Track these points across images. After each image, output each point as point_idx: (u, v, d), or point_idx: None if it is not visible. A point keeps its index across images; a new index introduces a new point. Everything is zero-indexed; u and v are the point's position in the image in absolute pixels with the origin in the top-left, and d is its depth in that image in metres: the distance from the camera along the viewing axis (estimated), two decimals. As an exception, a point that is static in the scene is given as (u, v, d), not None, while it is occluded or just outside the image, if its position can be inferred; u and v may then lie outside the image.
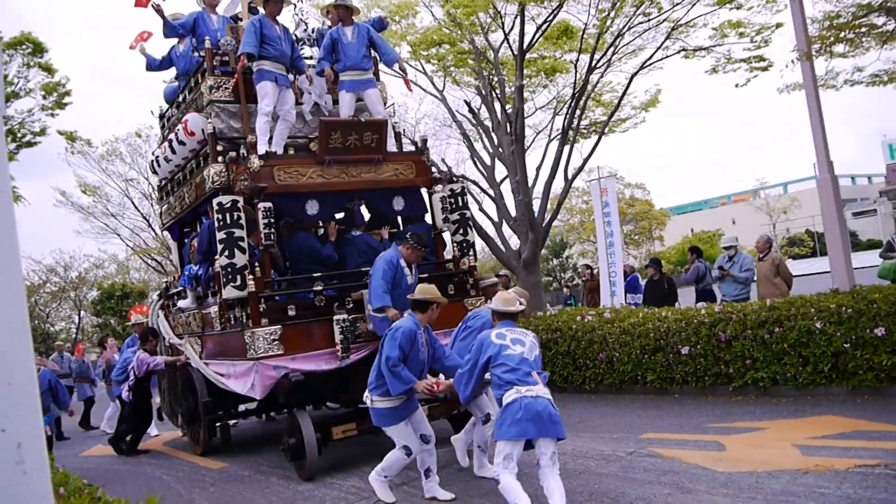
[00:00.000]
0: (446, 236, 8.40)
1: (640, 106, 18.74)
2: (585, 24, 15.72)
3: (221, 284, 6.98)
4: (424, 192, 8.29)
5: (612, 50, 15.99)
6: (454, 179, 9.21)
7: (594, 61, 15.85)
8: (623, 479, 5.43)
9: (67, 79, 17.69)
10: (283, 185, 7.19)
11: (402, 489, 5.96)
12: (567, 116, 16.45)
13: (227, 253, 6.86)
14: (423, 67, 17.42)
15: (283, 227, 7.71)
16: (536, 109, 18.92)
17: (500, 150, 16.96)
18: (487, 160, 17.55)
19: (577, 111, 16.44)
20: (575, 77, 16.47)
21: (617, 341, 9.05)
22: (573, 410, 8.43)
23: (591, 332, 9.39)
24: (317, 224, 8.51)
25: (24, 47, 16.48)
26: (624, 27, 15.57)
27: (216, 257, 7.13)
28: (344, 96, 8.09)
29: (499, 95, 16.76)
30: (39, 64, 17.08)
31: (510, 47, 16.21)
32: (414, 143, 8.79)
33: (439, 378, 5.86)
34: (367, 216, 8.82)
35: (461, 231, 8.21)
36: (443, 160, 17.98)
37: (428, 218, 8.35)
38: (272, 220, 6.97)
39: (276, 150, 7.60)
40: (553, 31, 16.60)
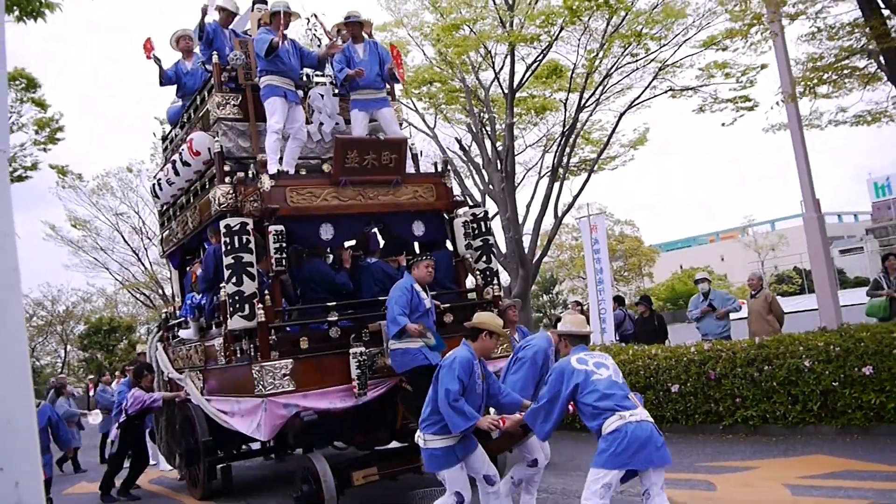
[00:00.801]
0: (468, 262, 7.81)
1: (628, 144, 19.06)
2: (574, 63, 16.03)
3: (228, 314, 6.43)
4: (445, 216, 7.75)
5: (600, 89, 16.27)
6: (474, 204, 8.57)
7: (583, 100, 16.10)
8: (613, 520, 5.38)
9: (61, 114, 17.83)
10: (296, 207, 6.69)
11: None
12: (557, 154, 16.65)
13: (234, 279, 6.32)
14: (414, 105, 17.66)
15: (292, 253, 7.11)
16: (526, 147, 19.19)
17: (491, 186, 17.10)
18: (478, 197, 17.69)
19: (567, 149, 16.66)
20: (564, 115, 16.71)
21: (607, 379, 9.00)
22: (563, 448, 8.35)
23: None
24: (328, 249, 7.96)
25: (18, 83, 16.57)
26: (612, 67, 15.87)
27: (222, 284, 6.61)
28: (356, 115, 7.51)
29: (489, 133, 16.97)
30: (32, 99, 17.17)
31: (500, 86, 16.46)
32: (434, 165, 8.49)
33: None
34: (381, 242, 8.39)
35: (484, 258, 7.68)
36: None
37: (449, 244, 7.78)
38: (284, 245, 6.43)
39: (288, 170, 7.03)
40: (543, 71, 16.90)
